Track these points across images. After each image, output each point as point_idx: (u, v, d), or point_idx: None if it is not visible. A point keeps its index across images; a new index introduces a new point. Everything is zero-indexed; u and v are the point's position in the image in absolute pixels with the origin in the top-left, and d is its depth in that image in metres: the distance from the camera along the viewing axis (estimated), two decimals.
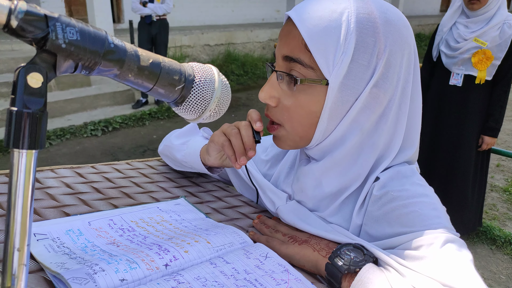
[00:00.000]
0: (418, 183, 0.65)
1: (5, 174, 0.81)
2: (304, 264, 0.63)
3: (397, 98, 0.63)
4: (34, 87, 0.35)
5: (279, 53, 0.64)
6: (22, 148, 0.36)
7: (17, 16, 0.34)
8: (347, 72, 0.59)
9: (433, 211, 0.60)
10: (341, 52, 0.58)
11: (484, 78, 2.35)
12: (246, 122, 0.71)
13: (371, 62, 0.59)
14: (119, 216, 0.72)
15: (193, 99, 0.48)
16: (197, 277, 0.56)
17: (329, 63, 0.59)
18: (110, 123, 4.80)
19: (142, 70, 0.43)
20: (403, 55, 0.61)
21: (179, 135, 0.92)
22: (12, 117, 0.35)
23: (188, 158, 0.86)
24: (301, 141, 0.67)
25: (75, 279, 0.50)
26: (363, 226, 0.66)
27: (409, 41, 0.62)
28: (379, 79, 0.60)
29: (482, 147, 2.48)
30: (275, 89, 0.64)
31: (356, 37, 0.58)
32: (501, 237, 2.74)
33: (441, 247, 0.55)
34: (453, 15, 2.41)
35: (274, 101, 0.65)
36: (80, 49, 0.37)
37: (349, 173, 0.65)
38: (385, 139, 0.64)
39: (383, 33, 0.59)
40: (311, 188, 0.69)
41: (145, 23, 5.20)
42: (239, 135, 0.70)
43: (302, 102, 0.62)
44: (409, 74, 0.63)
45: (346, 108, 0.62)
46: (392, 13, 0.61)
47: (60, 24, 0.36)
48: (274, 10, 10.91)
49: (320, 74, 0.60)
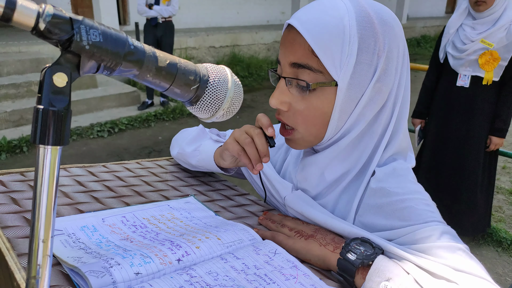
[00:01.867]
0: (412, 181, 0.70)
1: (20, 173, 0.83)
2: (311, 259, 0.66)
3: (395, 89, 0.68)
4: (59, 86, 0.37)
5: (285, 60, 0.67)
6: (47, 144, 0.37)
7: (44, 19, 0.36)
8: (353, 72, 0.63)
9: (426, 206, 0.65)
10: (347, 55, 0.63)
11: (491, 79, 2.36)
12: (259, 130, 0.73)
13: (373, 60, 0.64)
14: (132, 213, 0.74)
15: (207, 98, 0.50)
16: (209, 272, 0.58)
17: (336, 65, 0.63)
18: (116, 125, 4.83)
19: (160, 71, 0.45)
20: (399, 49, 0.67)
21: (190, 141, 0.94)
22: (39, 115, 0.37)
23: (203, 163, 0.90)
24: (315, 140, 0.70)
25: (92, 272, 0.52)
26: (357, 216, 0.70)
27: (401, 37, 0.68)
28: (381, 75, 0.65)
29: (490, 148, 2.48)
30: (285, 95, 0.67)
31: (358, 39, 0.63)
32: (507, 239, 2.73)
33: (439, 237, 0.60)
34: (460, 17, 2.42)
35: (285, 106, 0.68)
36: (102, 51, 0.39)
37: (349, 159, 0.70)
38: (382, 127, 0.69)
39: (381, 33, 0.64)
40: (315, 177, 0.73)
41: (151, 25, 5.24)
42: (253, 144, 0.73)
43: (314, 104, 0.66)
44: (403, 66, 0.69)
45: (354, 104, 0.66)
46: (384, 12, 0.66)
47: (84, 26, 0.38)
48: (279, 12, 10.94)
49: (328, 77, 0.64)
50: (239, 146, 0.75)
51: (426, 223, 0.62)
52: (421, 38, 12.22)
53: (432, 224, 0.62)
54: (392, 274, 0.55)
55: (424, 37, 12.27)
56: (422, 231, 0.61)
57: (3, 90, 4.72)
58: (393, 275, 0.55)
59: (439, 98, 2.59)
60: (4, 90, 4.73)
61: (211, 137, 0.92)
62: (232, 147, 0.75)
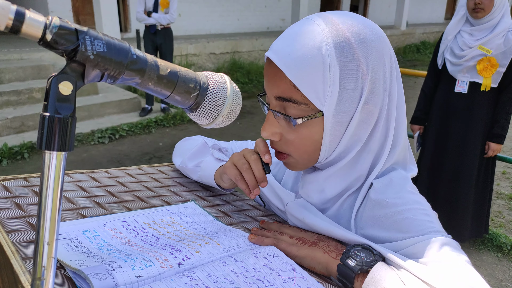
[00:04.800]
0: (411, 191, 0.69)
1: (23, 178, 0.85)
2: (315, 267, 0.66)
3: (386, 106, 0.67)
4: (64, 94, 0.39)
5: (270, 93, 0.67)
6: (53, 150, 0.39)
7: (51, 30, 0.37)
8: (338, 99, 0.63)
9: (425, 216, 0.65)
10: (329, 85, 0.62)
11: (490, 85, 2.38)
12: (255, 156, 0.74)
13: (357, 85, 0.63)
14: (133, 218, 0.76)
15: (207, 105, 0.52)
16: (208, 275, 0.59)
17: (320, 97, 0.62)
18: (117, 131, 4.86)
19: (161, 79, 0.46)
20: (385, 66, 0.65)
21: (191, 156, 0.95)
22: (45, 122, 0.38)
23: (204, 180, 0.91)
24: (310, 163, 0.71)
25: (94, 274, 0.53)
26: (359, 229, 0.70)
27: (386, 51, 0.66)
28: (368, 96, 0.64)
29: (488, 154, 2.49)
30: (275, 126, 0.68)
31: (339, 66, 0.61)
32: (507, 245, 2.74)
33: (439, 249, 0.59)
34: (458, 23, 2.44)
35: (277, 136, 0.68)
36: (106, 60, 0.41)
37: (349, 177, 0.70)
38: (379, 143, 0.69)
39: (362, 56, 0.62)
40: (315, 194, 0.73)
41: (150, 33, 5.27)
42: (250, 170, 0.74)
43: (304, 135, 0.66)
44: (392, 80, 0.67)
45: (343, 128, 0.66)
46: (364, 31, 0.63)
47: (89, 37, 0.40)
48: (279, 19, 11.01)
49: (314, 108, 0.64)
50: (237, 170, 0.76)
51: (425, 235, 0.61)
52: (421, 44, 12.28)
53: (432, 235, 0.61)
54: (388, 284, 0.55)
55: (423, 43, 12.34)
56: (422, 243, 0.61)
57: (5, 97, 4.75)
58: (389, 285, 0.55)
59: (437, 104, 2.61)
60: (6, 97, 4.76)
61: (213, 153, 0.92)
62: (230, 171, 0.77)
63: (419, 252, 0.60)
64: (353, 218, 0.70)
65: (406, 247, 0.62)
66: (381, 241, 0.66)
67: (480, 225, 2.69)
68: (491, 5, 2.26)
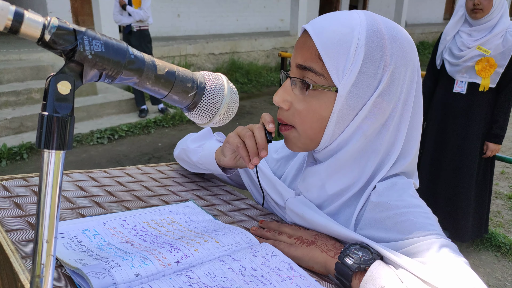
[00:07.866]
0: (412, 195, 0.69)
1: (22, 178, 0.85)
2: (313, 266, 0.66)
3: (399, 109, 0.68)
4: (63, 94, 0.39)
5: (293, 61, 0.70)
6: (51, 149, 0.39)
7: (50, 30, 0.38)
8: (355, 81, 0.65)
9: (426, 219, 0.65)
10: (351, 63, 0.64)
11: (488, 85, 2.38)
12: (259, 124, 0.77)
13: (377, 74, 0.65)
14: (132, 217, 0.76)
15: (204, 105, 0.52)
16: (207, 273, 0.59)
17: (339, 72, 0.65)
18: (116, 131, 4.86)
19: (159, 79, 0.47)
20: (407, 70, 0.67)
21: (195, 139, 0.98)
22: (44, 121, 0.39)
23: (204, 160, 0.92)
24: (311, 143, 0.71)
25: (93, 273, 0.54)
26: (358, 230, 0.70)
27: (413, 59, 0.68)
28: (384, 90, 0.66)
29: (486, 154, 2.50)
30: (289, 94, 0.70)
31: (365, 50, 0.64)
32: (506, 244, 2.74)
33: (439, 250, 0.60)
34: (456, 24, 2.45)
35: (287, 104, 0.70)
36: (104, 60, 0.41)
37: (351, 175, 0.70)
38: (386, 146, 0.69)
39: (389, 49, 0.65)
40: (316, 188, 0.74)
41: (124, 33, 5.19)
42: (252, 137, 0.76)
43: (313, 106, 0.68)
44: (411, 88, 0.69)
45: (353, 114, 0.67)
46: (398, 32, 0.67)
47: (87, 37, 0.40)
48: (278, 19, 11.02)
49: (330, 82, 0.66)
50: (239, 139, 0.78)
51: (425, 236, 0.62)
52: (420, 44, 12.29)
53: (432, 237, 0.62)
54: (386, 282, 0.56)
55: (422, 44, 12.35)
56: (421, 244, 0.61)
57: (4, 98, 4.75)
58: (387, 283, 0.55)
59: (436, 104, 2.61)
60: (5, 98, 4.76)
61: (216, 138, 0.96)
62: (232, 139, 0.79)
63: (418, 252, 0.61)
64: (353, 221, 0.70)
65: (405, 247, 0.62)
66: (380, 241, 0.66)
67: (480, 225, 2.69)
68: (490, 6, 2.27)
